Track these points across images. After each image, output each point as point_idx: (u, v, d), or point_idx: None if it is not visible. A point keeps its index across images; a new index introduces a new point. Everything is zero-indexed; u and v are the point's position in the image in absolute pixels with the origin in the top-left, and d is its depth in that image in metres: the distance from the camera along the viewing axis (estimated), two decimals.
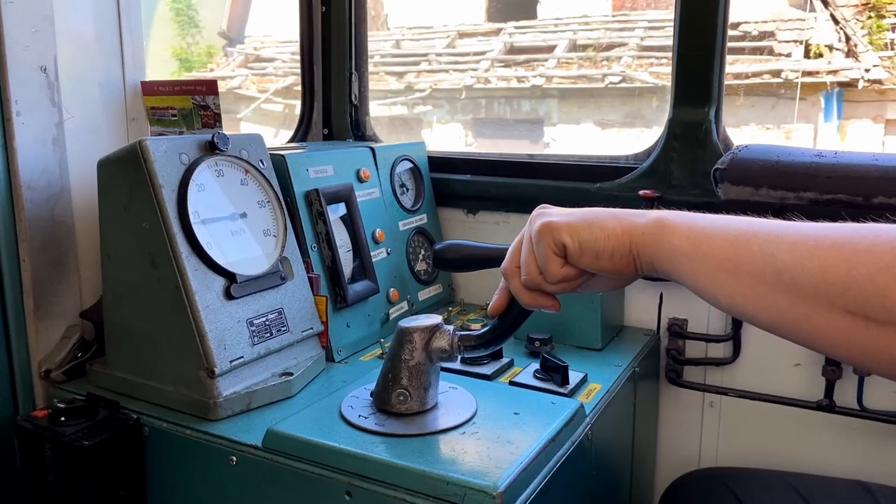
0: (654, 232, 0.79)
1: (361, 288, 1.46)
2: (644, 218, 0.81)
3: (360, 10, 1.92)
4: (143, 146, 1.10)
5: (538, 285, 0.88)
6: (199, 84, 1.36)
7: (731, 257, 0.71)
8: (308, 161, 1.41)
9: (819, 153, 1.35)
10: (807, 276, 0.65)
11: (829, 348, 0.66)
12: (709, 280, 0.74)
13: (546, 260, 0.85)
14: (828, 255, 0.64)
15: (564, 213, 0.86)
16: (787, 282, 0.66)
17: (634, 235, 0.80)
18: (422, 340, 1.02)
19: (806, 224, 0.69)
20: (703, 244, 0.74)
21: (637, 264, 0.81)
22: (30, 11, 1.19)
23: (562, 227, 0.83)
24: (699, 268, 0.74)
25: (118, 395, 1.20)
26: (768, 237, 0.69)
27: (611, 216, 0.83)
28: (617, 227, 0.81)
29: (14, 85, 1.18)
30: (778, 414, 1.53)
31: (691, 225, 0.77)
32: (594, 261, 0.83)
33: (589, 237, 0.82)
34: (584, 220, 0.83)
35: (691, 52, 1.52)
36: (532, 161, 1.79)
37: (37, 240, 1.24)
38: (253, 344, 1.17)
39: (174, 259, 1.10)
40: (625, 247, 0.81)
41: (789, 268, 0.66)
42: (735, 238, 0.72)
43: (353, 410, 1.07)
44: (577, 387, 1.24)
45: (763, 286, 0.68)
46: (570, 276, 0.86)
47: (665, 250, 0.78)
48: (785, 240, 0.68)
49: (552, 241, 0.84)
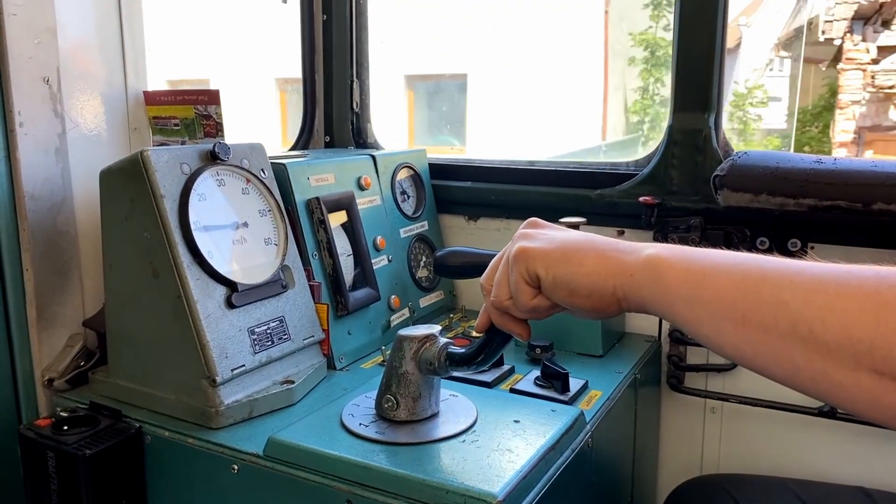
0: (646, 273, 0.72)
1: (362, 295, 1.47)
2: (633, 255, 0.74)
3: (360, 18, 1.93)
4: (145, 156, 1.11)
5: (506, 309, 0.84)
6: (202, 94, 1.37)
7: (737, 304, 0.64)
8: (309, 169, 1.42)
9: (818, 159, 1.36)
10: (827, 331, 0.58)
11: (851, 407, 0.59)
12: (712, 328, 0.67)
13: (518, 289, 0.80)
14: (851, 308, 0.57)
15: (546, 239, 0.80)
16: (803, 335, 0.59)
17: (620, 276, 0.74)
18: (411, 350, 1.03)
19: (820, 266, 0.61)
20: (704, 288, 0.67)
21: (622, 305, 0.75)
22: (33, 23, 1.20)
23: (537, 257, 0.78)
24: (700, 314, 0.67)
25: (120, 404, 1.21)
26: (780, 282, 0.62)
27: (593, 251, 0.77)
28: (599, 266, 0.75)
29: (17, 96, 1.19)
30: (780, 420, 1.53)
31: (689, 265, 0.69)
32: (568, 297, 0.77)
33: (565, 272, 0.77)
34: (562, 253, 0.78)
35: (690, 59, 1.53)
36: (532, 168, 1.79)
37: (39, 249, 1.25)
38: (254, 352, 1.18)
39: (175, 268, 1.11)
40: (606, 288, 0.74)
41: (806, 320, 0.59)
42: (741, 281, 0.64)
43: (353, 419, 1.08)
44: (577, 394, 1.24)
45: (775, 338, 0.61)
46: (540, 307, 0.81)
47: (660, 293, 0.71)
48: (800, 287, 0.60)
49: (525, 270, 0.79)
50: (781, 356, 0.61)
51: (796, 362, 0.60)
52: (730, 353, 0.67)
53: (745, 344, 0.64)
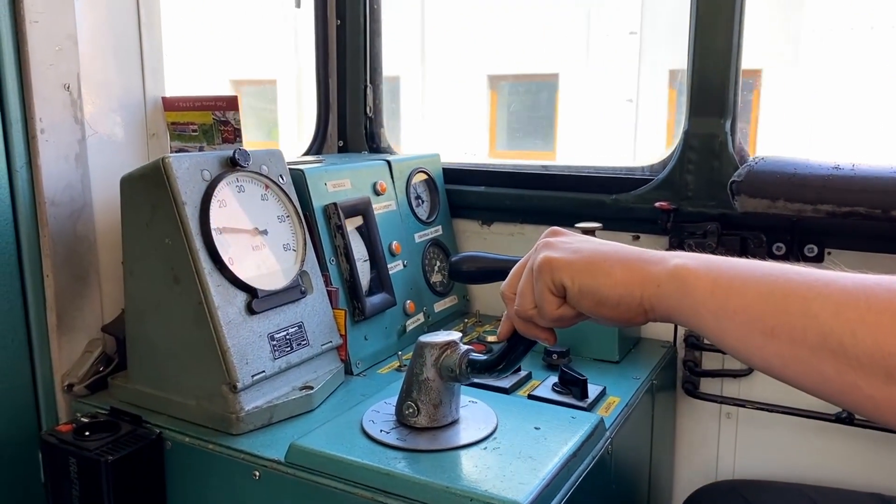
0: (673, 284, 0.71)
1: (379, 301, 1.47)
2: (659, 266, 0.74)
3: (374, 23, 1.93)
4: (167, 163, 1.11)
5: (531, 318, 0.83)
6: (220, 100, 1.37)
7: (765, 317, 0.64)
8: (326, 175, 1.43)
9: (836, 165, 1.35)
10: (858, 345, 0.57)
11: (882, 419, 0.59)
12: (739, 340, 0.66)
13: (543, 298, 0.80)
14: (882, 321, 0.57)
15: (571, 249, 0.80)
16: (833, 348, 0.59)
17: (647, 287, 0.73)
18: (432, 357, 1.03)
19: (849, 278, 0.61)
20: (731, 300, 0.67)
21: (648, 315, 0.75)
22: (54, 31, 1.21)
23: (563, 267, 0.78)
24: (728, 327, 0.67)
25: (140, 409, 1.21)
26: (808, 294, 0.62)
27: (620, 261, 0.76)
28: (626, 276, 0.75)
29: (39, 103, 1.19)
30: (796, 425, 1.52)
31: (716, 276, 0.69)
32: (595, 308, 0.77)
33: (591, 283, 0.76)
34: (588, 263, 0.77)
35: (706, 63, 1.53)
36: (547, 172, 1.80)
37: (60, 255, 1.25)
38: (274, 358, 1.18)
39: (196, 275, 1.11)
40: (634, 298, 0.74)
41: (836, 333, 0.59)
42: (769, 294, 0.64)
43: (374, 425, 1.08)
44: (596, 400, 1.24)
45: (804, 350, 0.61)
46: (566, 316, 0.80)
47: (686, 305, 0.70)
48: (829, 299, 0.60)
49: (551, 280, 0.78)
50: (811, 369, 0.61)
51: (826, 374, 0.60)
52: (758, 365, 0.67)
53: (773, 356, 0.64)
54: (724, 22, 1.49)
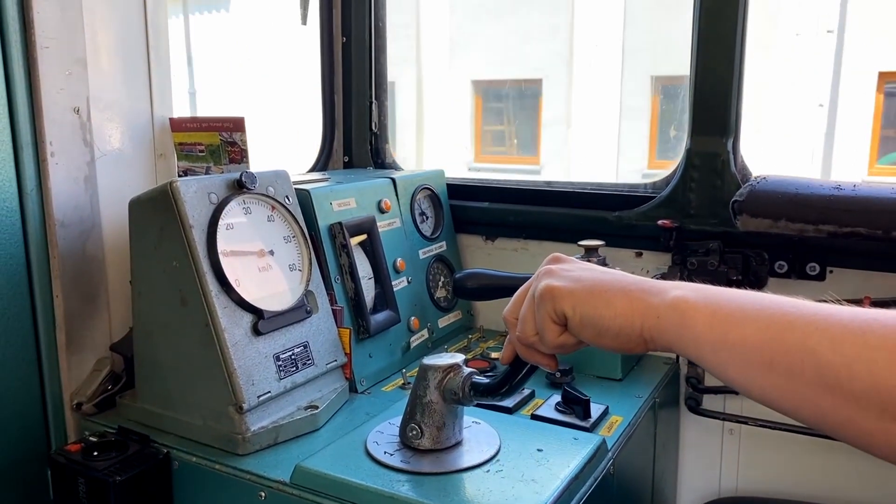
0: (672, 316, 0.72)
1: (383, 318, 1.48)
2: (659, 297, 0.74)
3: (379, 40, 1.95)
4: (174, 187, 1.13)
5: (532, 345, 0.85)
6: (227, 121, 1.39)
7: (763, 349, 0.64)
8: (332, 195, 1.44)
9: (838, 186, 1.36)
10: (854, 380, 0.58)
11: (880, 454, 0.60)
12: (738, 372, 0.67)
13: (544, 326, 0.81)
14: (878, 357, 0.57)
15: (572, 277, 0.81)
16: (830, 383, 0.60)
17: (648, 318, 0.74)
18: (435, 380, 1.04)
19: (847, 312, 0.62)
20: (730, 333, 0.67)
21: (649, 346, 0.76)
22: (64, 55, 1.23)
23: (564, 296, 0.79)
24: (727, 359, 0.68)
25: (148, 429, 1.23)
26: (806, 329, 0.62)
27: (621, 291, 0.77)
28: (626, 307, 0.76)
29: (49, 127, 1.21)
30: (798, 442, 1.53)
31: (715, 309, 0.70)
32: (596, 337, 0.78)
33: (592, 313, 0.77)
34: (589, 293, 0.78)
35: (709, 82, 1.54)
36: (550, 189, 1.81)
37: (69, 275, 1.27)
38: (279, 378, 1.20)
39: (204, 297, 1.13)
40: (634, 329, 0.75)
41: (833, 367, 0.59)
42: (767, 327, 0.65)
43: (378, 447, 1.09)
44: (598, 420, 1.25)
45: (801, 384, 0.62)
46: (567, 344, 0.82)
47: (686, 337, 0.71)
48: (826, 333, 0.61)
49: (552, 309, 0.80)
50: (808, 402, 0.62)
51: (823, 409, 0.61)
52: (757, 397, 0.68)
53: (771, 389, 0.65)
54: (725, 40, 1.50)
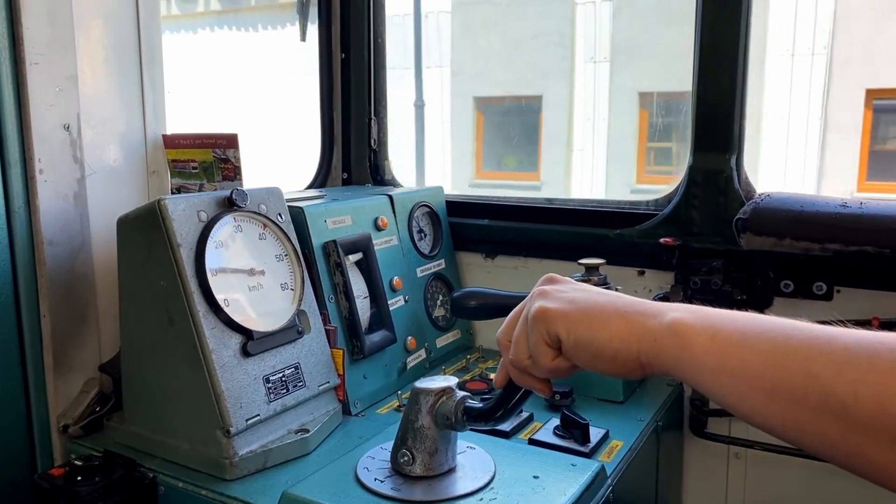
0: (670, 340, 0.69)
1: (379, 338, 1.45)
2: (656, 319, 0.71)
3: (378, 56, 1.94)
4: (162, 205, 1.11)
5: (525, 369, 0.81)
6: (220, 138, 1.37)
7: (765, 375, 0.61)
8: (326, 212, 1.42)
9: (844, 203, 1.33)
10: (861, 406, 0.55)
11: (889, 485, 0.56)
12: (739, 399, 0.64)
13: (537, 349, 0.78)
14: (886, 382, 0.54)
15: (567, 299, 0.78)
16: (835, 410, 0.56)
17: (644, 342, 0.71)
18: (427, 404, 1.01)
19: (850, 335, 0.59)
20: (730, 357, 0.64)
21: (646, 370, 0.72)
22: (54, 71, 1.21)
23: (558, 318, 0.76)
24: (727, 384, 0.65)
25: (135, 452, 1.20)
26: (809, 353, 0.59)
27: (617, 313, 0.74)
28: (622, 329, 0.73)
29: (38, 144, 1.20)
30: (806, 467, 1.48)
31: (714, 333, 0.67)
32: (591, 361, 0.75)
33: (587, 336, 0.74)
34: (584, 315, 0.75)
35: (711, 98, 1.51)
36: (551, 206, 1.78)
37: (57, 294, 1.25)
38: (269, 401, 1.16)
39: (191, 317, 1.10)
40: (630, 352, 0.72)
41: (838, 394, 0.56)
42: (769, 351, 0.62)
43: (369, 473, 1.05)
44: (598, 445, 1.21)
45: (805, 411, 0.59)
46: (561, 368, 0.78)
47: (685, 361, 0.68)
48: (830, 357, 0.58)
49: (546, 331, 0.77)
50: (814, 430, 0.59)
51: (830, 438, 0.58)
52: (759, 425, 0.65)
53: (774, 417, 0.62)
54: (728, 56, 1.48)
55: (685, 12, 1.60)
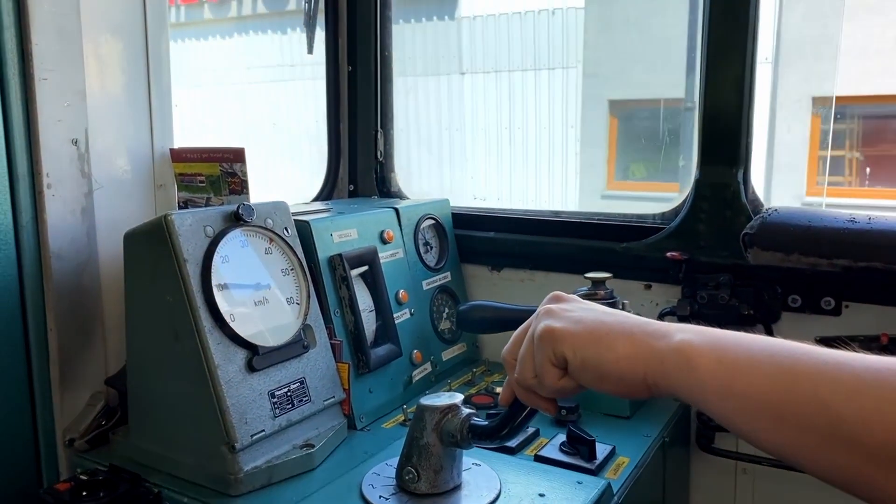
0: (677, 361, 0.68)
1: (384, 352, 1.45)
2: (663, 341, 0.71)
3: (385, 69, 1.94)
4: (168, 221, 1.11)
5: (531, 388, 0.81)
6: (227, 152, 1.38)
7: (772, 400, 0.61)
8: (332, 226, 1.42)
9: (851, 218, 1.32)
10: (871, 434, 0.54)
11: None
12: (746, 423, 0.64)
13: (543, 369, 0.78)
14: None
15: (573, 318, 0.77)
16: (845, 437, 0.56)
17: (651, 363, 0.71)
18: (433, 421, 1.00)
19: (858, 360, 0.58)
20: (737, 381, 0.64)
21: (652, 391, 0.72)
22: (63, 86, 1.22)
23: (565, 338, 0.76)
24: (734, 408, 0.64)
25: (140, 466, 1.20)
26: (818, 378, 0.59)
27: (623, 334, 0.74)
28: (629, 350, 0.72)
29: (46, 158, 1.20)
30: (815, 483, 1.46)
31: (721, 355, 0.66)
32: (597, 382, 0.75)
33: (594, 357, 0.74)
34: (591, 335, 0.75)
35: (718, 111, 1.50)
36: (557, 219, 1.78)
37: (63, 308, 1.25)
38: (274, 416, 1.16)
39: (197, 332, 1.10)
40: (637, 374, 0.71)
41: (848, 422, 0.56)
42: (776, 375, 0.61)
43: (373, 490, 1.05)
44: (604, 461, 1.21)
45: (814, 438, 0.58)
46: (567, 388, 0.78)
47: (691, 383, 0.67)
48: (839, 383, 0.57)
49: (552, 351, 0.76)
50: (822, 457, 0.59)
51: (840, 465, 0.58)
52: (767, 449, 0.64)
53: (782, 442, 0.62)
54: (734, 68, 1.48)
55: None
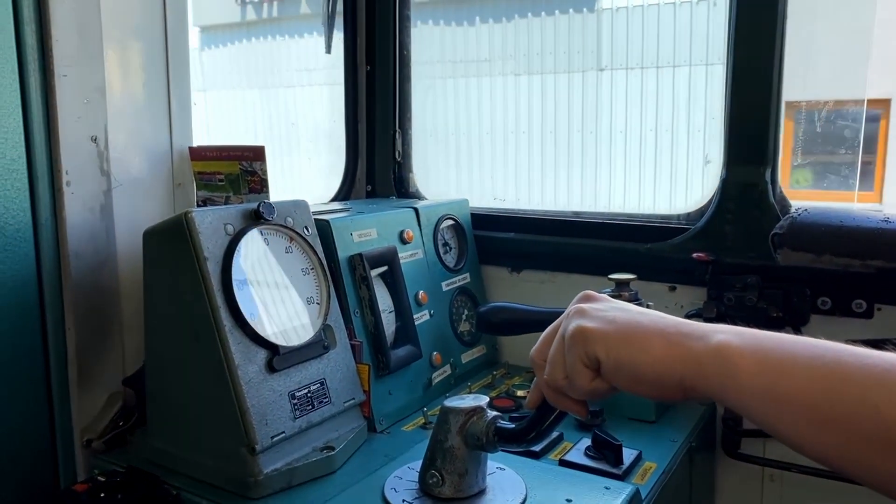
0: (716, 363, 0.66)
1: (404, 353, 1.43)
2: (701, 342, 0.68)
3: (404, 69, 1.93)
4: (189, 218, 1.09)
5: (561, 390, 0.78)
6: (247, 150, 1.36)
7: (818, 403, 0.59)
8: (352, 225, 1.40)
9: (886, 218, 1.29)
10: None
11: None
12: (790, 428, 0.61)
13: (575, 370, 0.75)
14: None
15: (606, 318, 0.74)
16: (892, 440, 0.54)
17: (688, 365, 0.68)
18: (457, 424, 0.98)
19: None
20: (780, 384, 0.61)
21: (688, 394, 0.69)
22: (83, 83, 1.21)
23: (597, 339, 0.73)
24: (776, 412, 0.62)
25: (158, 468, 1.18)
26: (866, 382, 0.57)
27: (659, 335, 0.71)
28: (664, 352, 0.69)
29: (65, 156, 1.19)
30: (847, 491, 1.42)
31: (762, 357, 0.63)
32: (632, 384, 0.72)
33: (628, 358, 0.71)
34: (625, 335, 0.72)
35: (745, 110, 1.47)
36: (578, 219, 1.75)
37: (82, 307, 1.24)
38: (294, 418, 1.14)
39: (217, 332, 1.08)
40: (673, 377, 0.68)
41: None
42: (822, 378, 0.59)
43: (396, 494, 1.03)
44: (631, 466, 1.18)
45: (863, 444, 0.56)
46: (599, 390, 0.75)
47: (731, 386, 0.65)
48: (888, 388, 0.55)
49: (584, 352, 0.73)
50: (871, 464, 0.57)
51: (890, 471, 0.55)
52: (812, 455, 0.62)
53: (828, 447, 0.59)
54: (762, 65, 1.45)
55: None
